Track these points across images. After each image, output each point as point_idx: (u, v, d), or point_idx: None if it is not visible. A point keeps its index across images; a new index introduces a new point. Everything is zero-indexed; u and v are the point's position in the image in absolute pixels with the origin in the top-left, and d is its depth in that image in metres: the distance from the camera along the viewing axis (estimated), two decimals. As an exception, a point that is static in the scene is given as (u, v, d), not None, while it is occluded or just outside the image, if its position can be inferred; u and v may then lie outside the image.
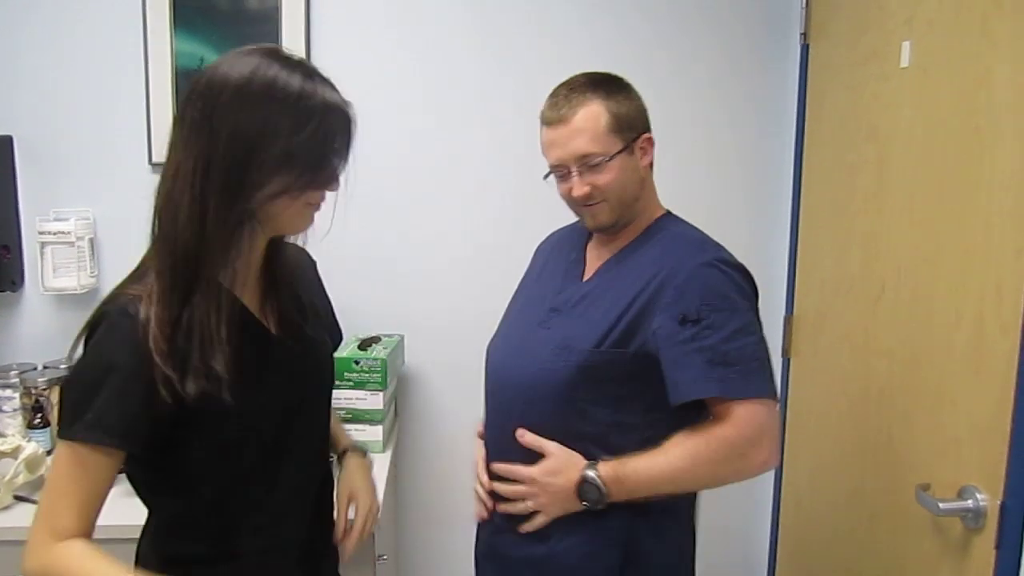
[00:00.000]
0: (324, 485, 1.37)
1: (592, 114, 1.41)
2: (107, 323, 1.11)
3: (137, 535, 1.32)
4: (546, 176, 1.52)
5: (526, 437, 1.41)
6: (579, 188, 1.42)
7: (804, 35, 2.21)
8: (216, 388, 1.10)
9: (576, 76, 1.47)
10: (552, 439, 1.42)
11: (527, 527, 1.43)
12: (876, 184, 1.81)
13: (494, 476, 1.49)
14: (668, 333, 1.36)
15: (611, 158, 1.41)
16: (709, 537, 1.57)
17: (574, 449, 1.41)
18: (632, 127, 1.45)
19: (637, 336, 1.38)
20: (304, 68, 1.13)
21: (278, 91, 1.09)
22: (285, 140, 1.08)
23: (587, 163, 1.41)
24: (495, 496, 1.49)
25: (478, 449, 1.59)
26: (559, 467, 1.39)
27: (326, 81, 1.15)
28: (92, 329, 1.13)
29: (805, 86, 2.22)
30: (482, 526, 1.59)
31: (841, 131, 2.00)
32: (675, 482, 1.39)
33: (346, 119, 1.15)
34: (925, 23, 1.63)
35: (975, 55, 1.46)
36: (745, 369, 1.35)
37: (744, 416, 1.34)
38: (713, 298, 1.36)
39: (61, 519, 1.10)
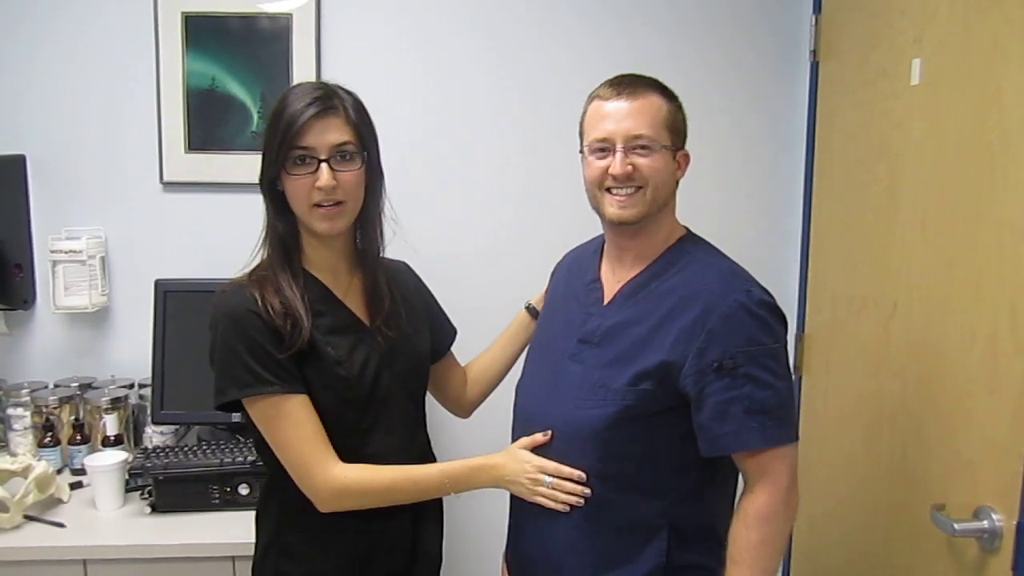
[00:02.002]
0: (423, 457, 1.57)
1: (654, 103, 1.42)
2: (225, 301, 1.39)
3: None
4: (580, 149, 1.49)
5: None
6: (621, 166, 1.39)
7: (814, 53, 2.21)
8: (316, 347, 1.39)
9: (639, 73, 1.48)
10: (588, 478, 1.40)
11: None
12: (887, 202, 1.80)
13: None
14: (704, 382, 1.34)
15: (660, 148, 1.40)
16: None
17: (608, 488, 1.40)
18: (680, 136, 1.46)
19: (670, 376, 1.36)
20: (300, 86, 1.44)
21: (272, 108, 1.42)
22: (264, 141, 1.41)
23: (636, 144, 1.39)
24: None
25: None
26: None
27: (304, 90, 1.41)
28: (217, 310, 1.40)
29: (815, 104, 2.22)
30: None
31: (852, 149, 2.00)
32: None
33: (283, 117, 1.38)
34: (935, 41, 1.63)
35: (986, 72, 1.46)
36: (780, 416, 1.36)
37: (779, 467, 1.36)
38: (747, 343, 1.34)
39: (318, 453, 1.38)
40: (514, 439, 1.53)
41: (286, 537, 1.46)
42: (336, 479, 1.38)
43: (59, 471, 2.03)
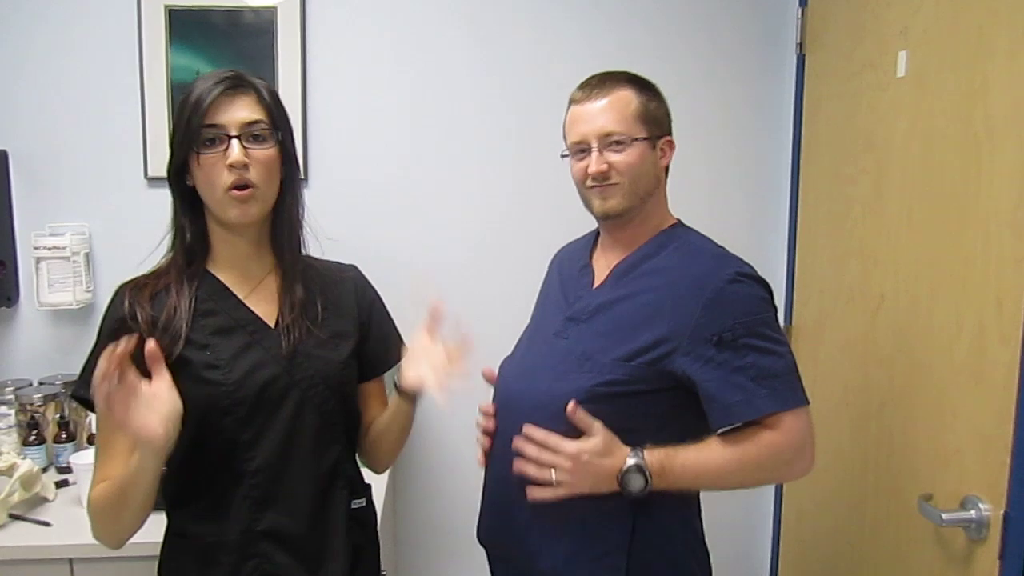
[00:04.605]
0: (335, 478, 1.42)
1: (623, 98, 1.44)
2: (110, 301, 1.37)
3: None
4: (563, 155, 1.52)
5: (578, 413, 1.37)
6: (597, 164, 1.43)
7: (800, 45, 2.22)
8: (186, 349, 1.31)
9: (612, 70, 1.50)
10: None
11: (541, 494, 1.38)
12: (874, 194, 1.80)
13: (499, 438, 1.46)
14: (706, 357, 1.35)
15: (633, 142, 1.43)
16: (711, 549, 1.55)
17: None
18: (657, 124, 1.47)
19: (662, 353, 1.37)
20: (208, 73, 1.33)
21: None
22: (171, 131, 1.34)
23: (609, 140, 1.43)
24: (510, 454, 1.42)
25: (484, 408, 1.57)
26: (605, 449, 1.36)
27: (214, 74, 1.32)
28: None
29: (801, 96, 2.22)
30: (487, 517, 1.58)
31: (838, 141, 2.00)
32: (718, 481, 1.40)
33: (189, 100, 1.30)
34: (921, 33, 1.63)
35: (972, 64, 1.46)
36: (787, 380, 1.37)
37: (793, 426, 1.36)
38: (745, 315, 1.36)
39: (100, 471, 1.32)
40: (496, 420, 1.53)
41: (170, 563, 1.40)
42: (89, 499, 1.32)
43: (44, 469, 2.02)
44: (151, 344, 1.20)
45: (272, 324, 1.38)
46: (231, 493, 1.33)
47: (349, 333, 1.47)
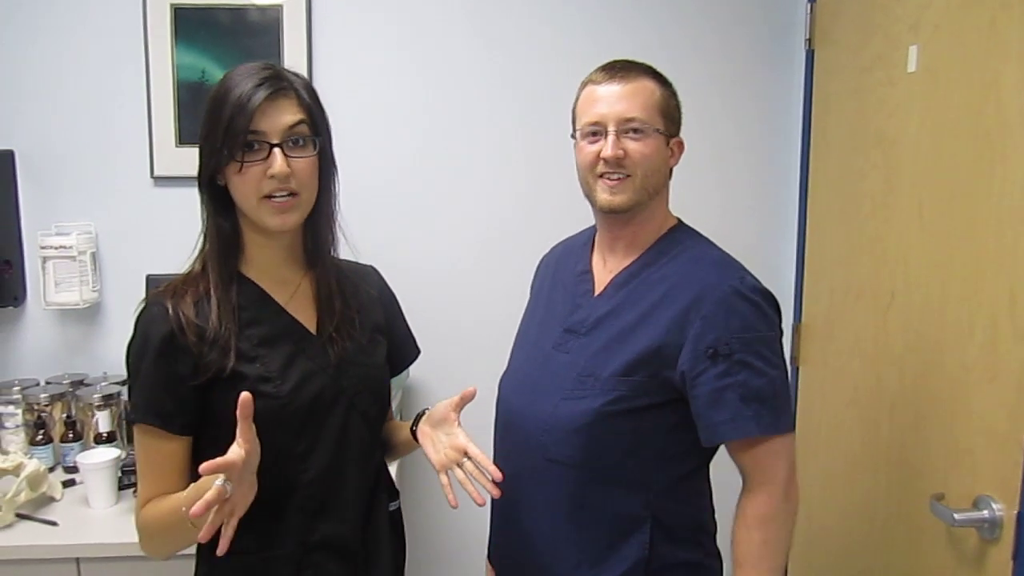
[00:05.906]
0: (377, 487, 1.42)
1: (648, 87, 1.40)
2: (142, 312, 1.29)
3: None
4: (573, 135, 1.47)
5: None
6: (613, 148, 1.37)
7: (809, 41, 2.20)
8: (238, 362, 1.25)
9: (634, 59, 1.46)
10: (571, 473, 1.39)
11: None
12: (884, 190, 1.79)
13: None
14: (699, 369, 1.33)
15: (653, 132, 1.39)
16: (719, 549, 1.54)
17: (590, 481, 1.38)
18: (674, 122, 1.44)
19: (664, 364, 1.35)
20: (243, 68, 1.26)
21: (211, 93, 1.26)
22: (203, 129, 1.26)
23: (629, 127, 1.38)
24: None
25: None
26: None
27: (249, 71, 1.25)
28: (136, 319, 1.29)
29: (811, 92, 2.20)
30: None
31: (848, 137, 1.98)
32: None
33: (228, 101, 1.23)
34: (932, 27, 1.62)
35: (984, 58, 1.45)
36: (775, 404, 1.34)
37: (776, 462, 1.35)
38: (742, 330, 1.33)
39: (142, 495, 1.28)
40: (496, 435, 1.52)
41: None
42: (136, 523, 1.28)
43: (51, 469, 2.02)
44: (246, 396, 1.12)
45: (314, 331, 1.35)
46: (284, 505, 1.30)
47: (380, 336, 1.46)
